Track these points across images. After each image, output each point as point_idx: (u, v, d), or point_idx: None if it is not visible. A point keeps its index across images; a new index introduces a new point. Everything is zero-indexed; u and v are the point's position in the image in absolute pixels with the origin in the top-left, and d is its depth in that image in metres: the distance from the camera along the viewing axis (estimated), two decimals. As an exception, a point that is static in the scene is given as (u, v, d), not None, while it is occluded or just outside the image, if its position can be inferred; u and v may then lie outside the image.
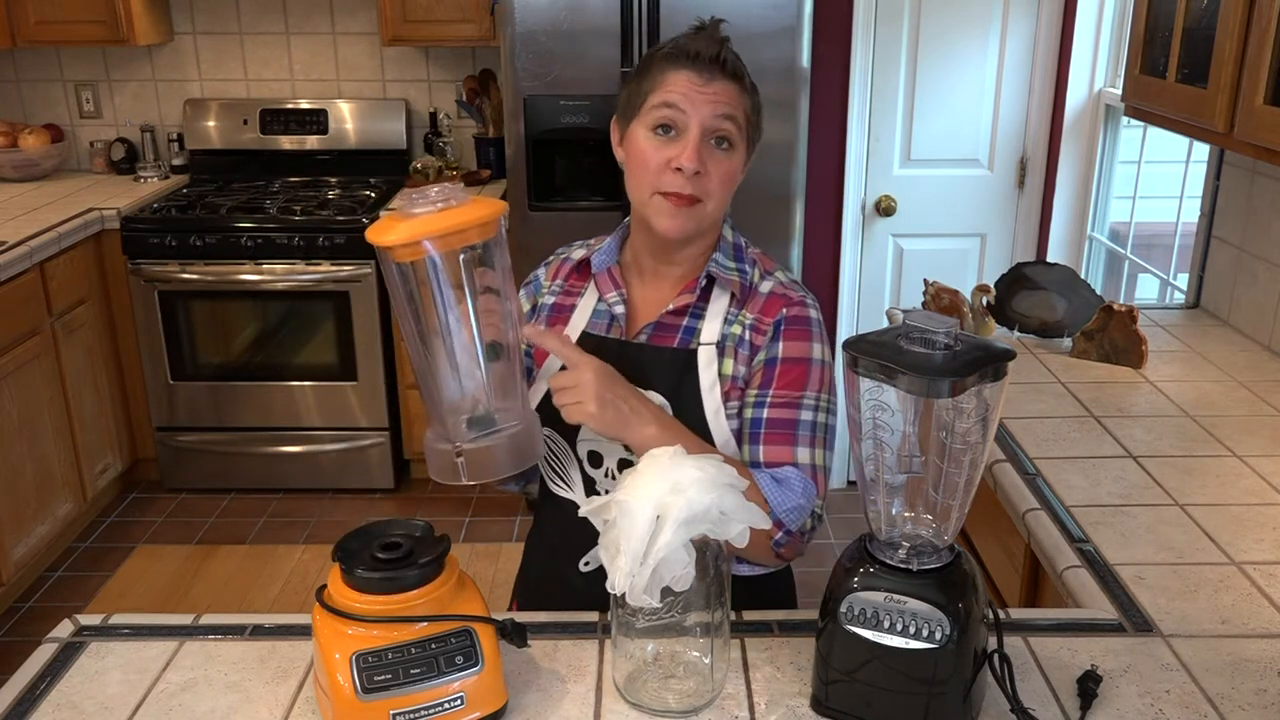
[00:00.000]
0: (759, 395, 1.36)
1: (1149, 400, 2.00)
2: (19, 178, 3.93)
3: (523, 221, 3.33)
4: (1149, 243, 3.45)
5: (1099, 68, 3.54)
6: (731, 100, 1.33)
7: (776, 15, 3.08)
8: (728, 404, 1.37)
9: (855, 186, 3.82)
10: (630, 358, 1.38)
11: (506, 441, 1.18)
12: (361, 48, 4.03)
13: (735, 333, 1.38)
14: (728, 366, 1.37)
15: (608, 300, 1.43)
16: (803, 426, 1.34)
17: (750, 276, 1.41)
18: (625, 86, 1.40)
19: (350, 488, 3.83)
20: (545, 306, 1.49)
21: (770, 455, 1.34)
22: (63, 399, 3.36)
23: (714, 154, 1.33)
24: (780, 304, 1.39)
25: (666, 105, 1.32)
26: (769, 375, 1.36)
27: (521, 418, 1.22)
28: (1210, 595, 1.37)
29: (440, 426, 1.20)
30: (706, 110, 1.31)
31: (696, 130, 1.31)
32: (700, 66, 1.32)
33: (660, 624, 1.14)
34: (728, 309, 1.39)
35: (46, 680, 1.20)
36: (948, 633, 1.06)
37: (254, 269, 3.55)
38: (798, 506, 1.31)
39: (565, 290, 1.48)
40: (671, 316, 1.40)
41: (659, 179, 1.33)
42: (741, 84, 1.35)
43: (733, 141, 1.34)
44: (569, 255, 1.52)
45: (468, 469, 1.17)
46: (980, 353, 1.04)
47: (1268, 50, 1.69)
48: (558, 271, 1.51)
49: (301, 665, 1.22)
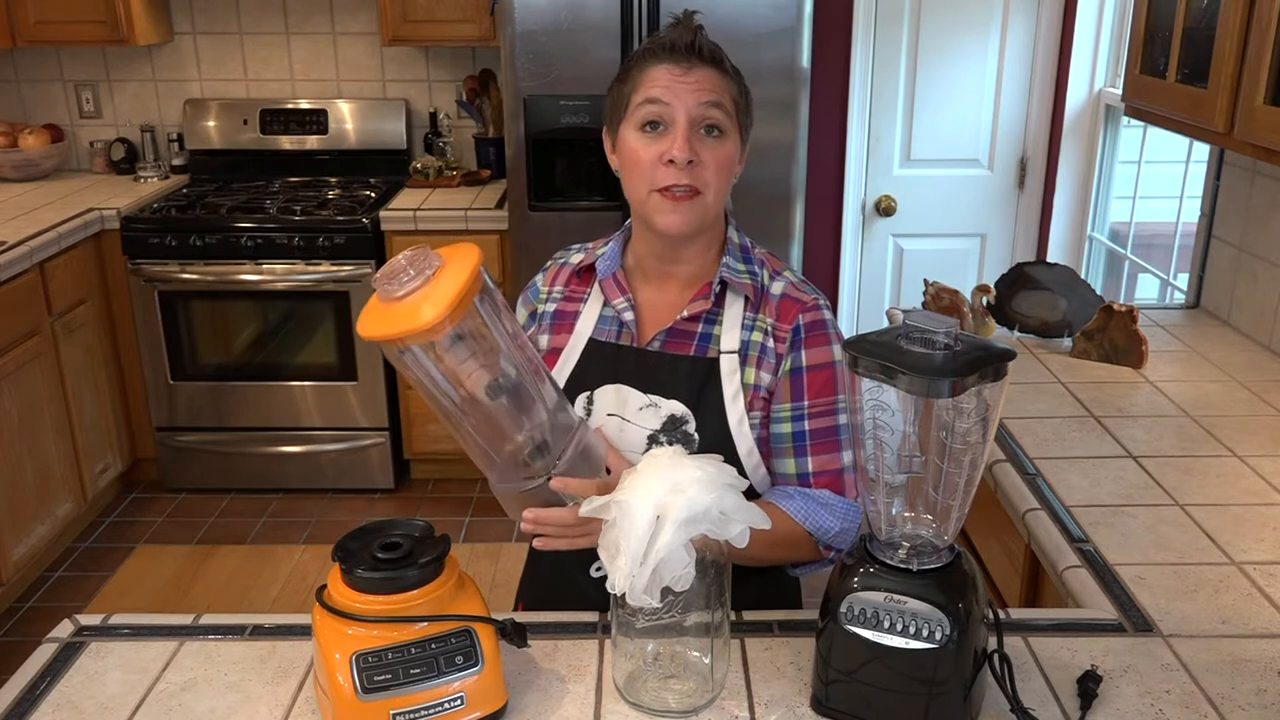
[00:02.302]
0: (795, 408, 1.37)
1: (1149, 400, 2.00)
2: (19, 178, 3.93)
3: (522, 221, 3.33)
4: (1149, 243, 3.45)
5: (1099, 68, 3.54)
6: (715, 86, 1.32)
7: (776, 15, 3.08)
8: (750, 414, 1.36)
9: (855, 186, 3.82)
10: (649, 366, 1.37)
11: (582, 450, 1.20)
12: (361, 48, 4.03)
13: (756, 340, 1.37)
14: (750, 375, 1.37)
15: (615, 306, 1.41)
16: (842, 431, 1.37)
17: (760, 278, 1.40)
18: (609, 94, 1.39)
19: (350, 488, 3.83)
20: (547, 314, 1.47)
21: (819, 464, 1.37)
22: (63, 399, 3.36)
23: (705, 142, 1.31)
24: (795, 309, 1.38)
25: (650, 101, 1.31)
26: (799, 386, 1.37)
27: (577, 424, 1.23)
28: (1210, 595, 1.37)
29: (506, 478, 1.19)
30: (691, 99, 1.30)
31: (684, 120, 1.30)
32: (677, 57, 1.31)
33: (660, 624, 1.14)
34: (743, 314, 1.38)
35: (46, 680, 1.20)
36: (948, 633, 1.06)
37: (254, 269, 3.55)
38: (843, 530, 1.35)
39: (566, 296, 1.46)
40: (686, 323, 1.39)
41: (653, 176, 1.31)
42: (722, 69, 1.33)
43: (723, 128, 1.32)
44: (567, 260, 1.50)
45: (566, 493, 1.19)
46: (980, 353, 1.04)
47: (1268, 50, 1.69)
48: (556, 277, 1.49)
49: (301, 665, 1.22)
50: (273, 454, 3.77)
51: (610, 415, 1.38)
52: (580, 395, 1.39)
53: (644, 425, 1.36)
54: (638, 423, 1.36)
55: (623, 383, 1.38)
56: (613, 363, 1.39)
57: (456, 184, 3.87)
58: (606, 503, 1.10)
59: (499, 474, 1.20)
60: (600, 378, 1.39)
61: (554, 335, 1.45)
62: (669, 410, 1.36)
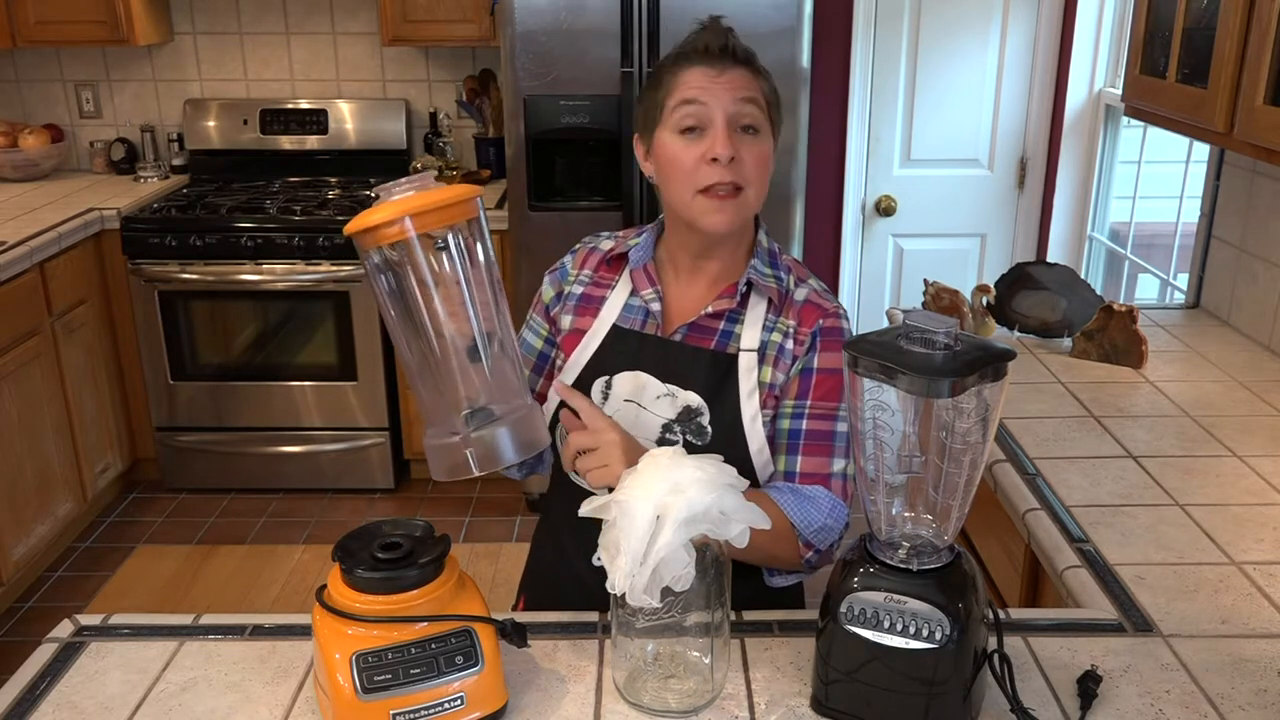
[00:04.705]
0: (796, 406, 1.38)
1: (1149, 400, 2.00)
2: (19, 178, 3.93)
3: (523, 221, 3.33)
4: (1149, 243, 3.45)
5: (1099, 68, 3.54)
6: (749, 85, 1.34)
7: (776, 15, 3.08)
8: (763, 411, 1.38)
9: (855, 186, 3.82)
10: (670, 355, 1.39)
11: (510, 427, 1.18)
12: (361, 48, 4.03)
13: (775, 340, 1.39)
14: (767, 374, 1.38)
15: (644, 296, 1.43)
16: (839, 438, 1.37)
17: (786, 283, 1.42)
18: (640, 102, 1.41)
19: (350, 488, 3.83)
20: (573, 295, 1.48)
21: (807, 466, 1.36)
22: (63, 399, 3.36)
23: (744, 139, 1.33)
24: (816, 314, 1.40)
25: (687, 102, 1.33)
26: (805, 386, 1.38)
27: (522, 404, 1.21)
28: (1210, 595, 1.37)
29: (439, 425, 1.19)
30: (727, 98, 1.32)
31: (722, 119, 1.32)
32: (711, 59, 1.33)
33: (660, 624, 1.14)
34: (766, 315, 1.40)
35: (46, 680, 1.20)
36: (948, 633, 1.06)
37: (254, 269, 3.55)
38: (825, 527, 1.33)
39: (595, 281, 1.48)
40: (709, 319, 1.40)
41: (696, 177, 1.33)
42: (754, 68, 1.36)
43: (758, 126, 1.35)
44: (597, 245, 1.51)
45: (477, 459, 1.16)
46: (980, 353, 1.04)
47: (1268, 50, 1.69)
48: (585, 260, 1.51)
49: (301, 665, 1.22)
50: (273, 454, 3.77)
51: (627, 401, 1.39)
52: (599, 379, 1.41)
53: (660, 414, 1.38)
54: (654, 410, 1.38)
55: (642, 370, 1.39)
56: (634, 350, 1.40)
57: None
58: (607, 502, 1.10)
59: (430, 419, 1.20)
60: (620, 363, 1.41)
61: (578, 317, 1.46)
62: (685, 400, 1.37)
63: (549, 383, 1.50)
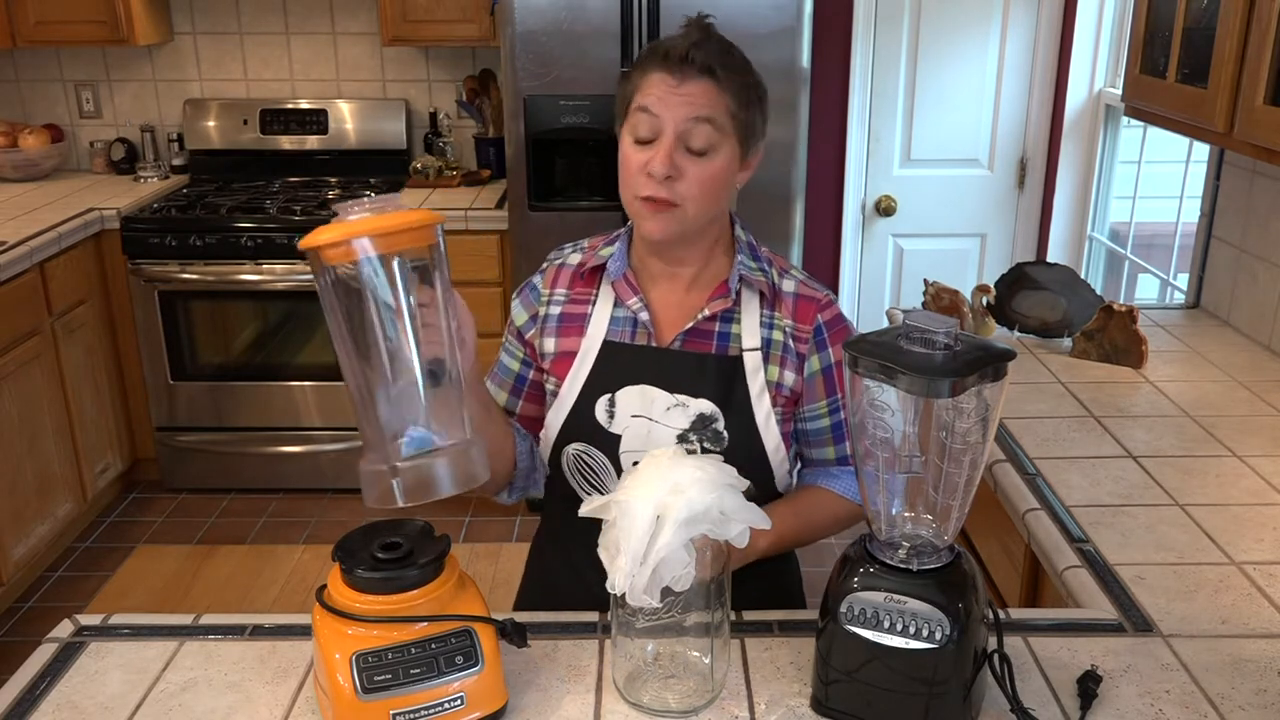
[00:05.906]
0: (830, 402, 1.41)
1: (1149, 400, 2.00)
2: (19, 178, 3.93)
3: (523, 221, 3.33)
4: (1149, 243, 3.45)
5: (1099, 68, 3.54)
6: (707, 101, 1.30)
7: (776, 15, 3.08)
8: (775, 409, 1.38)
9: (855, 186, 3.82)
10: (673, 364, 1.37)
11: (445, 461, 1.11)
12: (361, 48, 4.03)
13: (777, 339, 1.39)
14: (774, 373, 1.38)
15: (630, 306, 1.40)
16: None
17: (771, 275, 1.42)
18: (618, 90, 1.39)
19: (350, 488, 3.81)
20: (551, 317, 1.44)
21: None
22: (63, 399, 3.36)
23: (689, 159, 1.31)
24: (811, 308, 1.40)
25: (642, 109, 1.31)
26: (831, 382, 1.40)
27: (462, 438, 1.13)
28: (1210, 595, 1.37)
29: (375, 451, 1.12)
30: (680, 113, 1.29)
31: (670, 133, 1.30)
32: (671, 66, 1.30)
33: (660, 624, 1.14)
34: (760, 311, 1.40)
35: (46, 680, 1.20)
36: (948, 633, 1.06)
37: (254, 269, 3.55)
38: None
39: (571, 299, 1.44)
40: (706, 322, 1.39)
41: (636, 182, 1.32)
42: (714, 79, 1.31)
43: (710, 147, 1.31)
44: (564, 261, 1.47)
45: (404, 490, 1.08)
46: (980, 353, 1.04)
47: (1268, 50, 1.69)
48: (556, 278, 1.47)
49: (301, 665, 1.22)
50: (273, 454, 3.77)
51: (636, 416, 1.37)
52: (601, 398, 1.38)
53: (673, 425, 1.36)
54: (666, 423, 1.36)
55: (646, 383, 1.37)
56: (632, 364, 1.39)
57: (456, 184, 3.87)
58: (607, 502, 1.10)
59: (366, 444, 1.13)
60: (621, 379, 1.38)
61: (562, 339, 1.43)
62: (698, 409, 1.36)
63: (529, 405, 1.48)
